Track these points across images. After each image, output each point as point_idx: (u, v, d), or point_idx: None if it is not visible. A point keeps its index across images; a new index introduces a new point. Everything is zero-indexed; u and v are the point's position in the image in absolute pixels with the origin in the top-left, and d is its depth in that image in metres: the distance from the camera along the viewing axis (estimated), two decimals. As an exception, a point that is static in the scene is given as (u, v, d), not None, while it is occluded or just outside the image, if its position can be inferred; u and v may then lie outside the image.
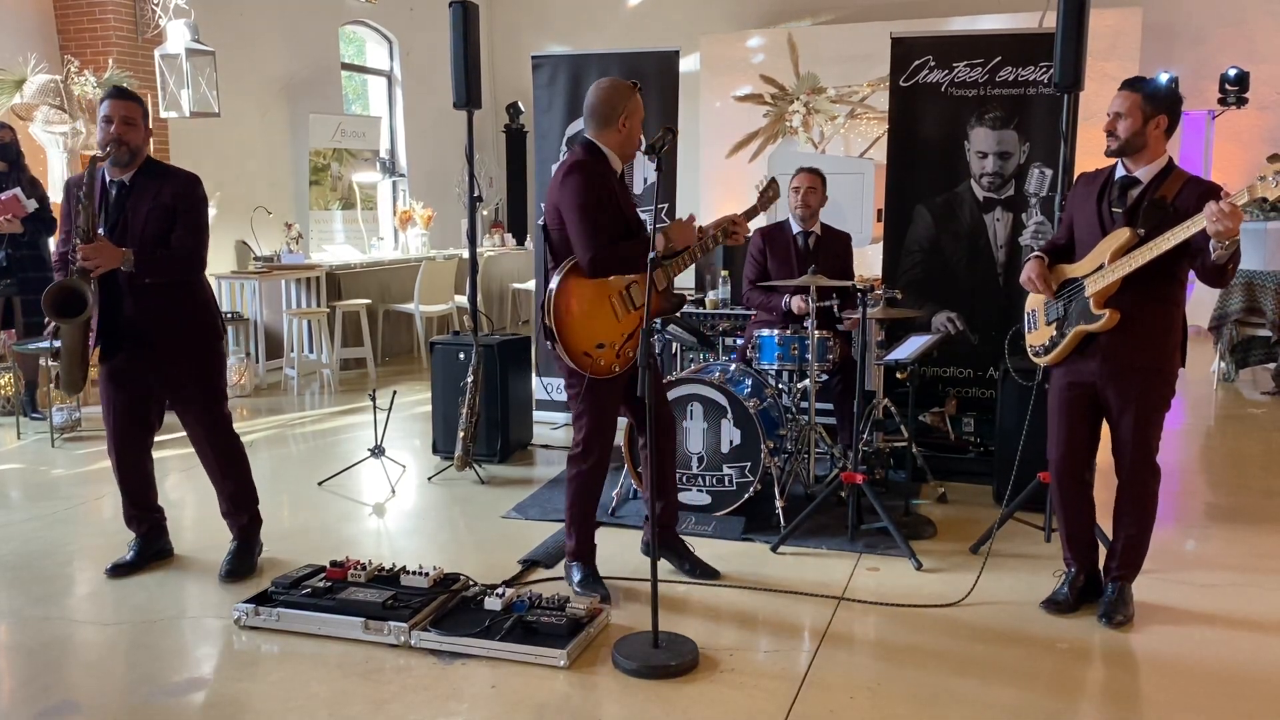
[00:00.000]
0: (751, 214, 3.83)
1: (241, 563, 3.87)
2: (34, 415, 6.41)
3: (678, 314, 3.85)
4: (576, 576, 3.67)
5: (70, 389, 3.71)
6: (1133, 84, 3.29)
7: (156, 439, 3.99)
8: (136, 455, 3.88)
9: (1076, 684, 3.07)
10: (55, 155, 7.17)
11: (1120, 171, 3.34)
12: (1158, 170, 3.28)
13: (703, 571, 3.80)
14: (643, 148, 3.57)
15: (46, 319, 3.60)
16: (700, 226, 3.68)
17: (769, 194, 3.97)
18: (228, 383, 3.97)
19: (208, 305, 3.85)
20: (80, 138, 7.15)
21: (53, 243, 6.55)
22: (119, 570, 3.86)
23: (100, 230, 3.61)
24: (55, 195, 6.92)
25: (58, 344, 3.63)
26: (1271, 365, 7.48)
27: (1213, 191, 3.14)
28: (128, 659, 3.22)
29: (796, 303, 4.91)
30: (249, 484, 3.97)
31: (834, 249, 5.20)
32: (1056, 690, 3.00)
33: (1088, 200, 3.41)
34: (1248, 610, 3.55)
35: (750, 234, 3.87)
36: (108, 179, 3.70)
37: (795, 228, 5.17)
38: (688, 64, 8.56)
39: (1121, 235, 3.23)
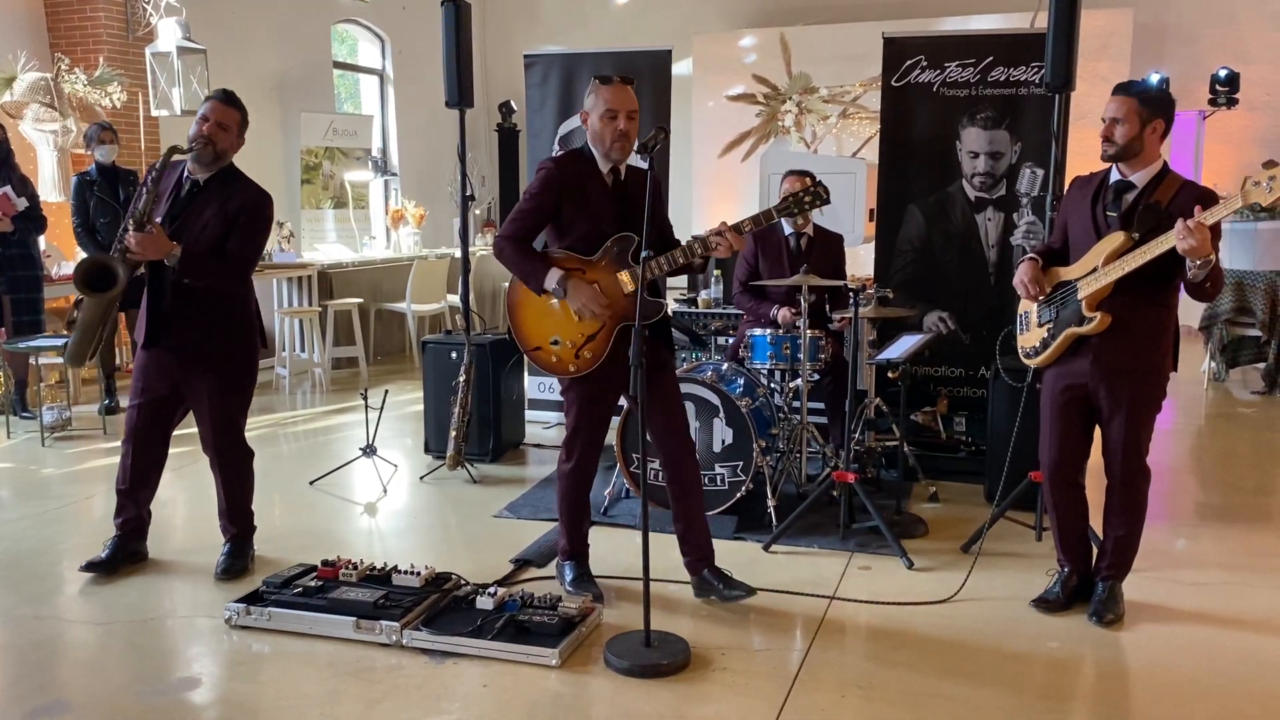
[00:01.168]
0: (760, 220, 3.37)
1: (235, 562, 3.86)
2: (24, 414, 6.38)
3: (653, 320, 3.40)
4: (569, 575, 3.67)
5: (73, 360, 3.72)
6: (1128, 88, 3.26)
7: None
8: (153, 442, 3.86)
9: (1067, 682, 3.08)
10: (45, 153, 7.14)
11: (1115, 175, 3.33)
12: (1153, 174, 3.27)
13: (740, 590, 3.56)
14: (635, 146, 3.53)
15: (77, 297, 3.62)
16: (695, 236, 3.41)
17: (805, 202, 3.43)
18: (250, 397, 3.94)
19: (254, 320, 3.88)
20: (70, 136, 7.13)
21: (43, 241, 6.57)
22: (93, 567, 3.82)
23: (159, 219, 3.61)
24: (46, 194, 6.90)
25: (76, 314, 3.64)
26: (1261, 365, 7.51)
27: (1207, 197, 3.15)
28: (119, 658, 3.21)
29: (783, 315, 4.90)
30: (245, 501, 3.94)
31: (826, 249, 5.19)
32: (1047, 689, 3.01)
33: (1082, 204, 3.40)
34: (1237, 608, 3.57)
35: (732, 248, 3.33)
36: (186, 173, 3.71)
37: (787, 229, 5.16)
38: (680, 64, 8.56)
39: (1116, 239, 3.22)
